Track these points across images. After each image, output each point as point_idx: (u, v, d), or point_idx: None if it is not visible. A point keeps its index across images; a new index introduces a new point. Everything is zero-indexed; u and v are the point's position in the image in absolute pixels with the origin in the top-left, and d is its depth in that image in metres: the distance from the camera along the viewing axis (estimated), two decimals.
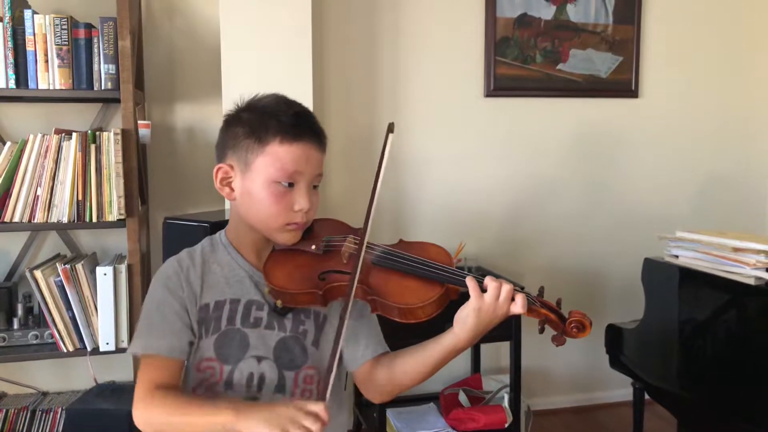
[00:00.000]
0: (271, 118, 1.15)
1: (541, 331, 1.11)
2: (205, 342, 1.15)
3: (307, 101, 2.47)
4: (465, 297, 1.10)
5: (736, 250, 2.07)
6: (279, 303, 1.13)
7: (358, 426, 2.85)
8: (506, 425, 2.57)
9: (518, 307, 1.07)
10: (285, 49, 2.46)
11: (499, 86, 3.03)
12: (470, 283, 1.08)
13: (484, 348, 3.04)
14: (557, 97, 3.13)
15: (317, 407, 0.95)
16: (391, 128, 1.19)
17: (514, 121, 3.09)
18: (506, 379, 2.73)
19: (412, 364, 1.16)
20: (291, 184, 1.14)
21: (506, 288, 1.07)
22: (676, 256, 2.31)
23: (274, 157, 1.13)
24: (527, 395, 2.92)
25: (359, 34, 2.89)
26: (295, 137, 1.14)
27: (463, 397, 2.73)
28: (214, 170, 1.20)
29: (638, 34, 3.17)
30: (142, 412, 1.05)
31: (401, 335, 1.26)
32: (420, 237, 2.64)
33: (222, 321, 1.16)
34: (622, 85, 3.19)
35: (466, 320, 1.08)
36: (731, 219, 3.26)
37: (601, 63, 3.16)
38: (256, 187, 1.15)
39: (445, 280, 1.10)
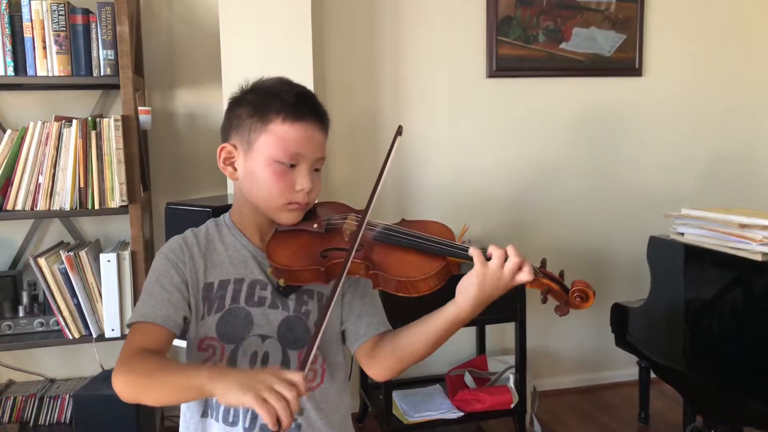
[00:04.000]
0: (274, 98, 1.15)
1: (544, 300, 1.10)
2: (208, 320, 1.16)
3: (308, 86, 2.44)
4: (467, 270, 1.09)
5: (743, 226, 2.05)
6: (281, 282, 1.13)
7: (364, 408, 2.87)
8: (512, 406, 2.58)
9: (525, 275, 1.05)
10: (284, 33, 2.44)
11: (501, 67, 3.00)
12: (474, 252, 1.07)
13: (489, 329, 3.04)
14: (560, 76, 3.10)
15: (295, 376, 0.93)
16: (399, 131, 1.18)
17: (517, 101, 3.06)
18: (511, 360, 2.73)
19: (416, 339, 1.15)
20: (293, 165, 1.15)
21: (513, 261, 1.04)
22: (682, 234, 2.29)
23: (277, 136, 1.14)
24: (533, 376, 2.92)
25: (359, 18, 2.86)
26: (297, 117, 1.15)
27: (468, 379, 2.73)
28: (218, 150, 1.20)
29: (641, 11, 3.14)
30: (120, 372, 1.02)
31: (405, 314, 1.26)
32: (424, 219, 2.64)
33: (226, 300, 1.16)
34: (626, 63, 3.16)
35: (468, 289, 1.07)
36: (737, 197, 3.24)
37: (605, 41, 3.12)
38: (258, 166, 1.15)
39: (445, 253, 1.09)
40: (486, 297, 1.07)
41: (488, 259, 1.06)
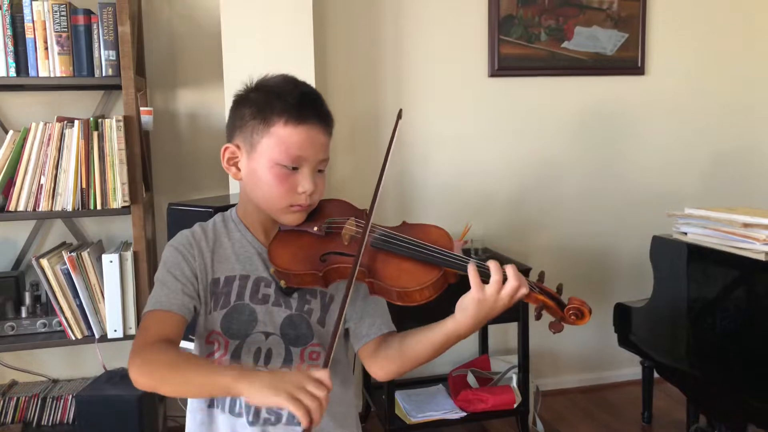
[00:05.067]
0: (276, 99, 1.15)
1: (538, 317, 1.09)
2: (215, 315, 1.17)
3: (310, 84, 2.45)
4: (464, 280, 1.08)
5: (746, 225, 2.05)
6: (283, 283, 1.14)
7: (367, 408, 2.87)
8: (515, 405, 2.57)
9: (521, 293, 1.06)
10: (286, 32, 2.44)
11: (503, 66, 3.00)
12: (471, 272, 1.05)
13: (492, 329, 3.04)
14: (562, 75, 3.09)
15: (322, 374, 0.94)
16: (400, 115, 1.20)
17: (518, 100, 3.06)
18: (514, 359, 2.73)
19: (417, 346, 1.15)
20: (295, 168, 1.15)
21: (511, 285, 1.04)
22: (685, 233, 2.29)
23: (279, 139, 1.14)
24: (536, 375, 2.92)
25: (361, 16, 2.86)
26: (300, 119, 1.14)
27: (471, 379, 2.73)
28: (222, 150, 1.20)
29: (644, 10, 3.13)
30: (138, 361, 1.01)
31: (406, 318, 1.26)
32: (425, 219, 2.63)
33: (231, 296, 1.17)
34: (628, 62, 3.15)
35: (467, 309, 1.07)
36: (739, 196, 3.23)
37: (607, 40, 3.11)
38: (261, 168, 1.15)
39: (443, 264, 1.08)
40: (484, 316, 1.07)
41: (486, 278, 1.05)
